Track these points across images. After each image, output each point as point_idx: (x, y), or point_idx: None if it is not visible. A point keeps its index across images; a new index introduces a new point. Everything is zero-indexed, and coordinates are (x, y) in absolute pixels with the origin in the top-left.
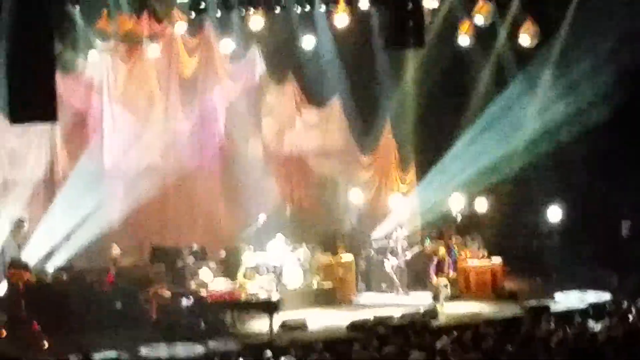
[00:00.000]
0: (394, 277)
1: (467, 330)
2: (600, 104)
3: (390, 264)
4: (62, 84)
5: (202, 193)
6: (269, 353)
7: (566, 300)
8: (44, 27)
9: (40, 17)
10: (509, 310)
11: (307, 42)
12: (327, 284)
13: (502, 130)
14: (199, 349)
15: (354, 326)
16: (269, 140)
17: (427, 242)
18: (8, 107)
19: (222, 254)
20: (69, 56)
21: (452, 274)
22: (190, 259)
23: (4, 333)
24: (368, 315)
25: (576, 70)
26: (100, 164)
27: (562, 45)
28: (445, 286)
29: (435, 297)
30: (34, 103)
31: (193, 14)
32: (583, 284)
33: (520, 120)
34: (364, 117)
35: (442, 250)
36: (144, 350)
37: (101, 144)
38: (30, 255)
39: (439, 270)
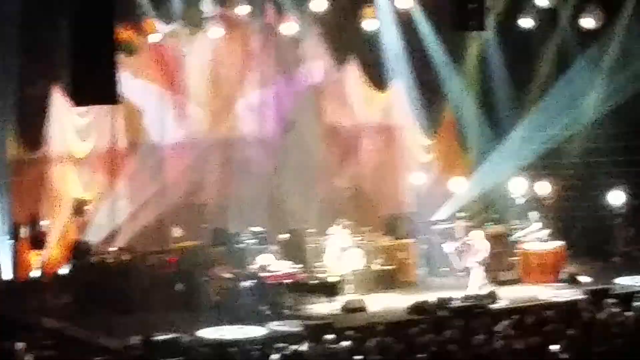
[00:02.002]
0: (455, 260)
1: (527, 314)
2: None
3: (451, 247)
4: (124, 66)
5: (264, 176)
6: (330, 336)
7: (628, 284)
8: (106, 10)
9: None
10: (570, 294)
11: (370, 24)
12: (388, 267)
13: (565, 113)
14: (260, 331)
15: (414, 309)
16: (331, 123)
17: (488, 226)
18: (71, 90)
19: (284, 236)
20: (131, 39)
21: (481, 259)
22: (251, 241)
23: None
24: (428, 298)
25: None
26: (162, 146)
27: (625, 27)
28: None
29: (495, 281)
30: (96, 86)
31: None
32: None
33: (582, 102)
34: (426, 100)
35: (474, 235)
36: (204, 333)
37: (162, 125)
38: (93, 236)
39: (471, 254)
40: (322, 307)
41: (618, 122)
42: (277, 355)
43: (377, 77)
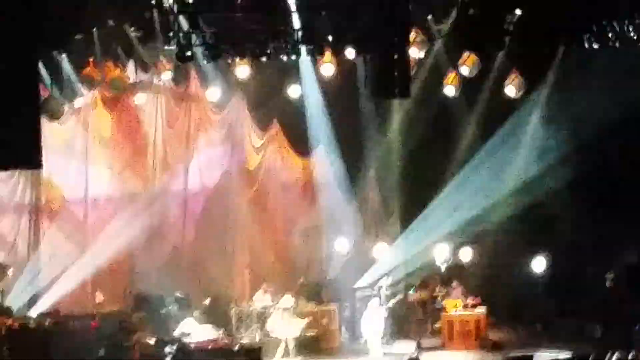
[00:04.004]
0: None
1: None
2: (584, 155)
3: (374, 313)
4: (48, 130)
5: (187, 241)
6: None
7: (550, 351)
8: (29, 74)
9: (26, 63)
10: None
11: (293, 90)
12: (311, 333)
13: (487, 180)
14: None
15: None
16: (254, 189)
17: (411, 292)
18: None
19: (207, 301)
20: (54, 103)
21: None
22: (174, 307)
23: None
24: None
25: (560, 120)
26: (85, 212)
27: (547, 96)
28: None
29: (419, 346)
30: (19, 150)
31: (179, 63)
32: (567, 335)
33: (505, 170)
34: (349, 166)
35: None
36: None
37: (85, 191)
38: (14, 301)
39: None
40: None
41: (538, 190)
42: None
43: (300, 144)
